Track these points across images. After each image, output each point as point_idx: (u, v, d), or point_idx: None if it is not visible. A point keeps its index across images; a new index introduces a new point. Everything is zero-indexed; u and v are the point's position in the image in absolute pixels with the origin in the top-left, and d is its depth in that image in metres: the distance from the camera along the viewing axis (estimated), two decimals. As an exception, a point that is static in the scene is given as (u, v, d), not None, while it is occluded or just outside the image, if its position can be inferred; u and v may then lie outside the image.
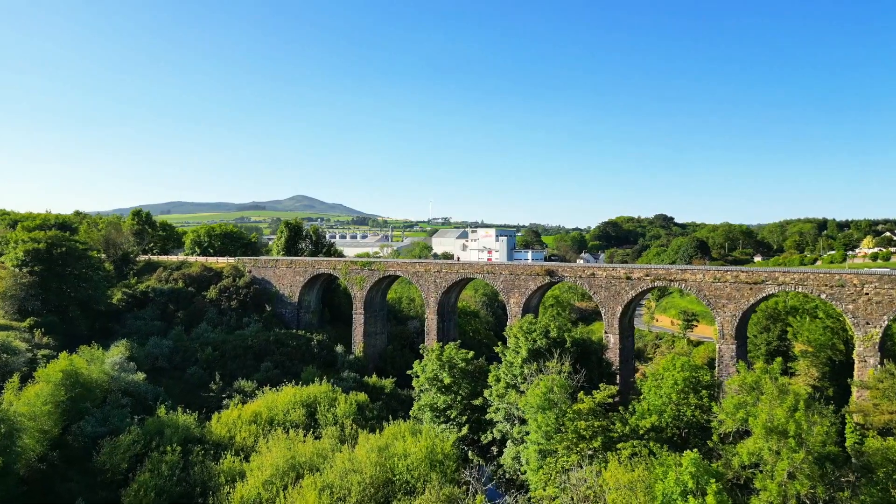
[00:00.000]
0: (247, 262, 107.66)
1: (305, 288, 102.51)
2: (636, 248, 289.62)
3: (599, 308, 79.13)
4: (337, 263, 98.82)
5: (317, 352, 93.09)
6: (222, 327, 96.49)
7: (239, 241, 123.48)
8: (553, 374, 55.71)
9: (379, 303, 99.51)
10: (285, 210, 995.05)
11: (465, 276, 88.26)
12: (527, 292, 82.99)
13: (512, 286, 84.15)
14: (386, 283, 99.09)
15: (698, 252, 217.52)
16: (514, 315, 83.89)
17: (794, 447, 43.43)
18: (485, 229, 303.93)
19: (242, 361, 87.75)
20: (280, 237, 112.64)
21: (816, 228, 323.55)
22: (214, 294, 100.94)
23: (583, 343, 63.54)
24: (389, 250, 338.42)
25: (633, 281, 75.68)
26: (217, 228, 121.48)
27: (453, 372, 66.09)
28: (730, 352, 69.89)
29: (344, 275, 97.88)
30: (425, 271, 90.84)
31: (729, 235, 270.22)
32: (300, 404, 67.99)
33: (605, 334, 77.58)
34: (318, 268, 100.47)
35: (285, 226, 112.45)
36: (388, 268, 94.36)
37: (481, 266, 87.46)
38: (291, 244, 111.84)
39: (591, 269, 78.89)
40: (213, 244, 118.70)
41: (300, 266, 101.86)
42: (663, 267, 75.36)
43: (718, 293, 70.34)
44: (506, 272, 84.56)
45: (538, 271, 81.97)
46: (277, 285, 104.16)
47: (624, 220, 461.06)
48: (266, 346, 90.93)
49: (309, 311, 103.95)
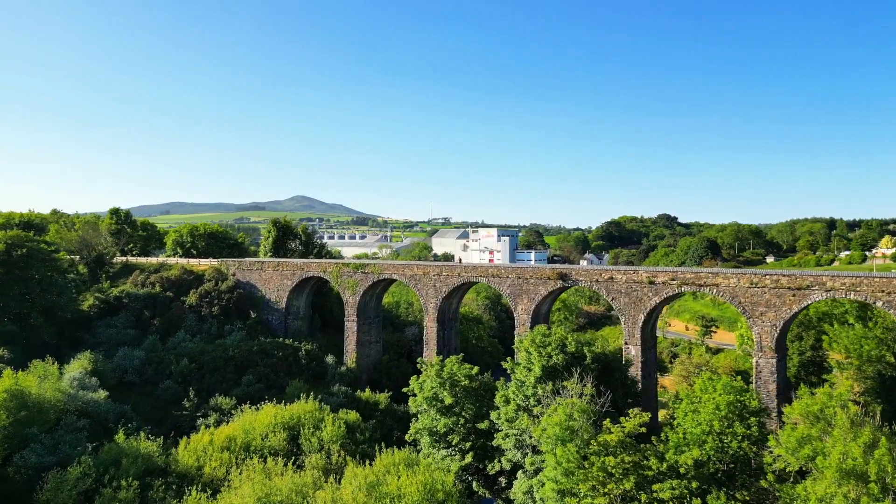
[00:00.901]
0: (230, 265, 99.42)
1: (294, 292, 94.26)
2: (642, 248, 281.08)
3: (619, 316, 70.85)
4: (328, 266, 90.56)
5: (305, 363, 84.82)
6: (202, 336, 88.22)
7: (225, 241, 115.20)
8: (573, 398, 47.48)
9: (373, 308, 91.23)
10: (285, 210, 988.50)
11: (467, 279, 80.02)
12: (537, 298, 74.71)
13: (520, 291, 75.88)
14: (381, 288, 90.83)
15: (709, 253, 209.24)
16: (523, 323, 75.64)
17: (876, 495, 35.22)
18: (486, 229, 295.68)
19: (222, 374, 79.49)
20: (267, 237, 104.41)
21: (826, 228, 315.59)
22: (194, 299, 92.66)
23: (605, 358, 55.24)
24: (388, 251, 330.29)
25: (656, 286, 67.41)
26: (201, 228, 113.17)
27: (455, 391, 57.87)
28: (769, 366, 61.60)
29: (335, 278, 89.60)
30: (424, 274, 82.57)
31: (738, 235, 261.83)
32: (281, 427, 59.66)
33: (626, 345, 69.33)
34: (307, 270, 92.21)
35: (273, 224, 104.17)
36: (383, 270, 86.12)
37: (485, 269, 79.19)
38: (280, 245, 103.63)
39: (609, 272, 70.60)
40: (197, 245, 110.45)
41: (287, 268, 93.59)
42: (691, 270, 67.07)
43: (756, 300, 62.04)
44: (513, 276, 76.28)
45: (549, 275, 73.68)
46: (263, 289, 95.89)
47: (627, 220, 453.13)
48: (249, 357, 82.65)
49: (298, 317, 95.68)
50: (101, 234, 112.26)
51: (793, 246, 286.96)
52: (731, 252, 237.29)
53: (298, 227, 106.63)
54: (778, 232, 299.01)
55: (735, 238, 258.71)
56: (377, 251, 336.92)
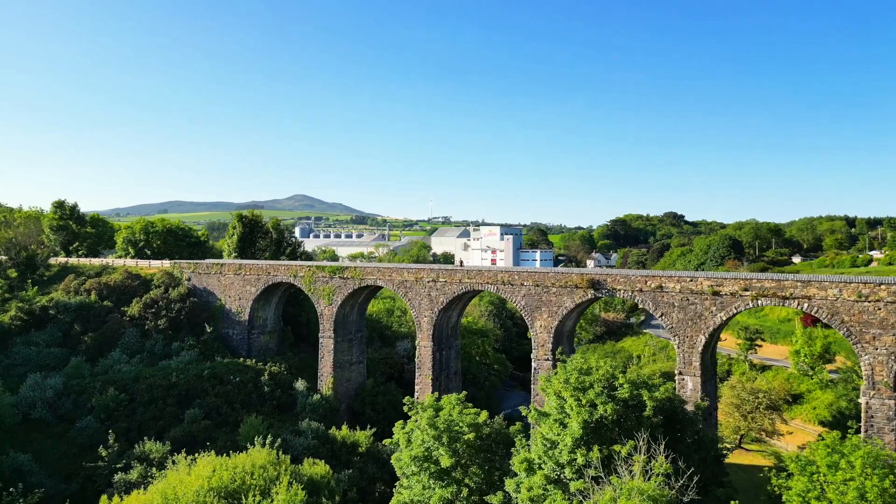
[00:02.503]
0: (185, 268, 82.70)
1: (259, 301, 77.57)
2: (655, 247, 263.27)
3: (671, 338, 54.11)
4: (299, 269, 73.81)
5: (268, 390, 68.22)
6: (143, 356, 71.64)
7: (185, 239, 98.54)
8: (637, 481, 30.88)
9: (355, 321, 74.53)
10: (284, 209, 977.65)
11: (470, 287, 63.31)
12: (560, 312, 58.01)
13: (538, 303, 59.17)
14: (364, 296, 74.11)
15: (731, 253, 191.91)
16: (542, 345, 58.95)
17: None
18: (488, 227, 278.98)
19: (160, 408, 62.88)
20: (231, 234, 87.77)
21: (846, 226, 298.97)
22: (137, 309, 75.96)
23: (671, 407, 38.51)
24: (385, 250, 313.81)
25: (722, 298, 50.71)
26: (158, 224, 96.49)
27: (456, 447, 41.33)
28: (886, 410, 44.83)
29: (308, 284, 72.88)
30: (416, 280, 65.88)
31: (757, 234, 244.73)
32: (217, 494, 42.96)
33: (679, 375, 52.65)
34: (273, 275, 75.47)
35: (238, 219, 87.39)
36: (365, 275, 69.40)
37: (493, 274, 62.43)
38: (247, 243, 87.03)
39: (656, 279, 53.86)
40: (152, 244, 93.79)
41: (251, 272, 76.87)
42: (771, 277, 50.21)
43: (866, 318, 45.32)
44: (529, 283, 59.55)
45: (577, 282, 56.94)
46: (223, 297, 79.18)
47: (633, 219, 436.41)
48: (197, 383, 66.03)
49: (264, 331, 78.97)
50: (45, 232, 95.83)
51: (813, 245, 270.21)
52: (752, 252, 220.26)
53: (268, 222, 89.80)
54: (798, 230, 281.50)
55: (754, 237, 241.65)
56: (373, 251, 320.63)
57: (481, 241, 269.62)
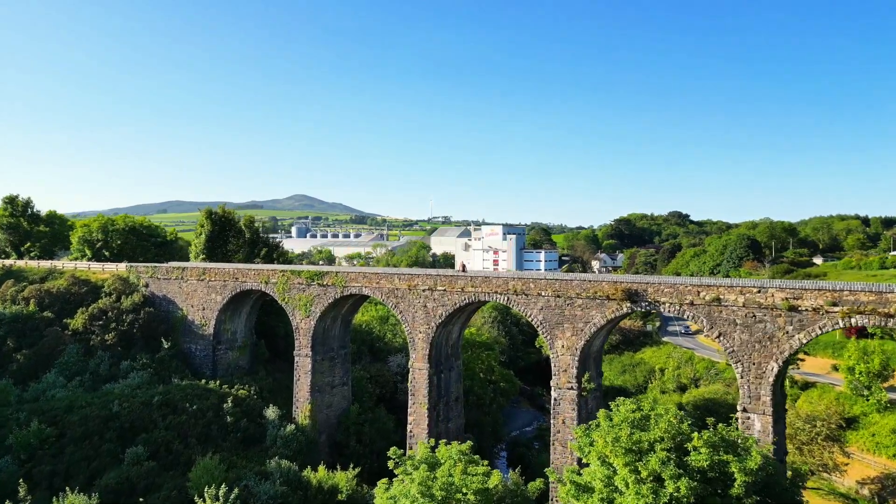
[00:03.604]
0: (142, 272, 71.27)
1: (227, 311, 66.23)
2: (665, 248, 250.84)
3: (730, 361, 42.60)
4: (271, 274, 62.35)
5: (232, 420, 56.76)
6: (84, 378, 60.28)
7: (150, 239, 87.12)
8: None
9: (338, 336, 63.13)
10: (284, 209, 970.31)
11: (475, 297, 51.85)
12: (588, 329, 46.59)
13: (560, 318, 47.73)
14: (349, 306, 62.69)
15: (749, 253, 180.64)
16: (564, 369, 47.53)
17: None
18: (490, 227, 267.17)
19: (95, 445, 51.49)
20: (199, 234, 76.38)
21: (862, 225, 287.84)
22: (81, 322, 64.55)
23: (766, 479, 27.07)
24: (384, 251, 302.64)
25: (801, 315, 39.30)
26: (119, 222, 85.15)
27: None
28: None
29: (281, 292, 61.47)
30: (409, 289, 54.44)
31: (772, 233, 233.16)
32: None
33: (743, 413, 41.24)
34: (242, 280, 64.05)
35: (206, 217, 76.00)
36: (348, 282, 57.91)
37: (504, 281, 50.88)
38: (218, 243, 75.69)
39: (712, 289, 42.39)
40: (111, 244, 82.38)
41: (217, 277, 65.45)
42: (870, 288, 38.53)
43: None
44: (548, 293, 48.10)
45: (609, 293, 45.50)
46: (185, 307, 67.79)
47: (637, 218, 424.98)
48: (144, 413, 54.63)
49: (233, 346, 67.61)
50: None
51: (829, 245, 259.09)
52: (768, 252, 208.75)
53: (242, 218, 78.26)
54: (813, 230, 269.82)
55: (769, 237, 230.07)
56: (371, 251, 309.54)
57: (483, 241, 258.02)
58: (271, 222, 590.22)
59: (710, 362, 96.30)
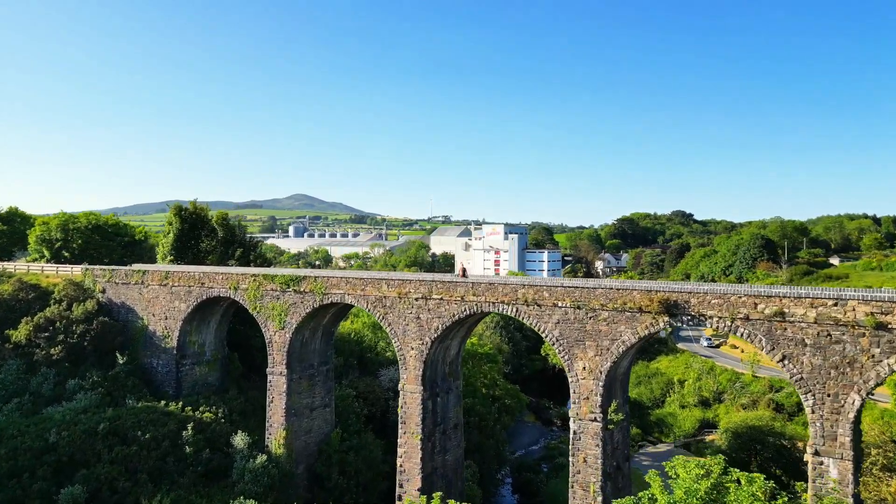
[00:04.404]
0: (98, 276, 62.86)
1: (193, 321, 57.84)
2: (673, 248, 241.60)
3: (803, 395, 34.13)
4: (241, 279, 53.91)
5: (191, 451, 48.38)
6: (23, 400, 51.83)
7: (116, 238, 78.61)
8: None
9: (318, 350, 54.73)
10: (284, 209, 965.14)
11: (477, 308, 43.44)
12: (615, 348, 38.21)
13: (581, 334, 39.34)
14: (331, 316, 54.26)
15: (764, 253, 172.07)
16: (586, 396, 39.12)
17: None
18: (491, 226, 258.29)
19: (24, 484, 43.12)
20: (167, 232, 67.89)
21: (874, 224, 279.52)
22: (25, 333, 56.11)
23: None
24: (382, 250, 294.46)
25: (893, 335, 30.91)
26: (82, 220, 76.82)
27: None
28: None
29: (252, 300, 53.07)
30: (399, 297, 46.04)
31: (784, 233, 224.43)
32: None
33: (816, 458, 32.81)
34: (209, 286, 55.63)
35: (175, 213, 67.39)
36: (329, 289, 49.46)
37: (512, 289, 42.40)
38: (188, 243, 67.25)
39: (773, 300, 34.01)
40: (72, 244, 73.95)
41: (180, 283, 57.03)
42: None
43: None
44: (567, 303, 39.71)
45: (642, 304, 37.09)
46: (145, 315, 59.40)
47: (640, 217, 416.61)
48: (87, 444, 46.25)
49: (200, 360, 59.20)
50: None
51: (842, 244, 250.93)
52: (780, 252, 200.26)
53: (213, 215, 69.78)
54: (824, 229, 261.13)
55: (781, 236, 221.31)
56: (368, 251, 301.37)
57: (483, 240, 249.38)
58: (270, 221, 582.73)
59: (733, 373, 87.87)
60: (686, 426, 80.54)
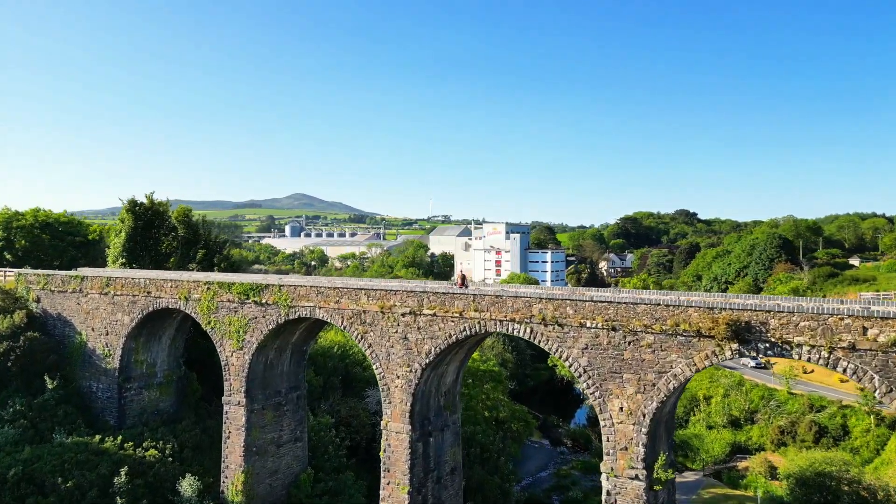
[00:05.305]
0: (32, 282, 53.42)
1: (139, 336, 48.45)
2: (682, 247, 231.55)
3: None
4: (193, 287, 44.46)
5: (125, 502, 38.95)
6: (-78, 435, 42.35)
7: (68, 238, 69.18)
8: None
9: (287, 374, 45.31)
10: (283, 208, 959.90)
11: (479, 328, 34.01)
12: (664, 384, 28.77)
13: (617, 364, 29.91)
14: (301, 332, 44.80)
15: (781, 254, 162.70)
16: (623, 447, 29.66)
17: None
18: (492, 225, 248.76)
19: None
20: (119, 231, 58.30)
21: (888, 223, 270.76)
22: (-65, 353, 46.72)
23: None
24: (379, 250, 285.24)
25: None
26: (28, 217, 67.41)
27: None
28: None
29: (205, 312, 43.68)
30: (382, 311, 36.60)
31: (797, 232, 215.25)
32: None
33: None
34: (156, 295, 46.19)
35: (128, 211, 57.59)
36: (296, 300, 40.01)
37: (526, 303, 32.87)
38: (143, 244, 57.77)
39: (890, 323, 24.45)
40: (15, 244, 64.53)
41: (124, 291, 47.60)
42: None
43: None
44: (597, 322, 30.26)
45: (703, 325, 27.61)
46: (84, 330, 49.98)
47: (644, 216, 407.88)
48: (-12, 496, 36.83)
49: (150, 383, 49.80)
50: None
51: (856, 244, 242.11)
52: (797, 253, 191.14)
53: (173, 211, 60.20)
54: (837, 228, 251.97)
55: (795, 235, 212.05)
56: (365, 251, 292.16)
57: (484, 240, 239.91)
58: (268, 221, 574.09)
59: (765, 389, 78.39)
60: (715, 450, 71.21)
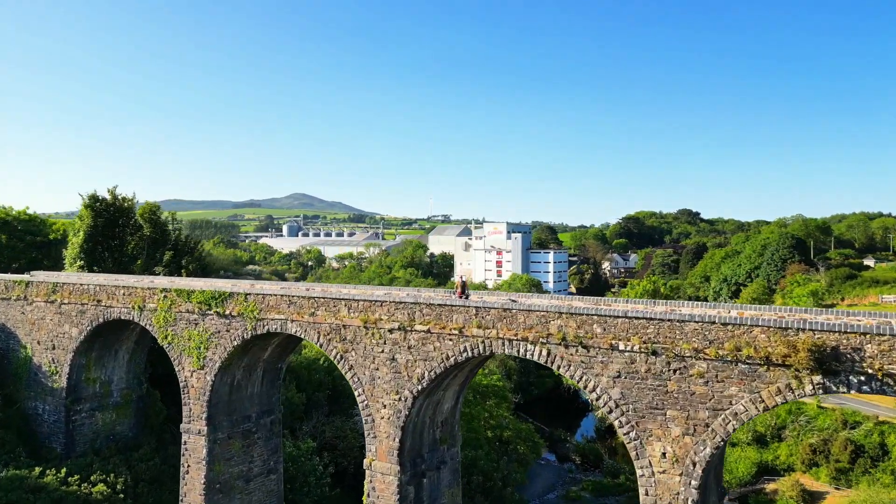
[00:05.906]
0: (-28, 288, 47.08)
1: (90, 351, 42.14)
2: (689, 247, 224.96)
3: None
4: (148, 296, 38.14)
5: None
6: None
7: (28, 237, 62.83)
8: None
9: (257, 396, 38.93)
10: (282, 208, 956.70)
11: (483, 348, 27.65)
12: (721, 425, 22.32)
13: (660, 398, 23.51)
14: (274, 350, 38.39)
15: (794, 255, 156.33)
16: (665, 502, 23.22)
17: None
18: (493, 225, 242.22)
19: None
20: (77, 230, 51.95)
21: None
22: None
23: None
24: (377, 250, 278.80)
25: None
26: (-12, 215, 61.14)
27: None
28: None
29: (162, 325, 37.32)
30: (365, 326, 30.24)
31: (808, 232, 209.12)
32: None
33: None
34: (107, 304, 39.84)
35: (87, 207, 51.24)
36: (266, 311, 33.66)
37: (541, 318, 26.56)
38: (105, 244, 51.40)
39: None
40: (-31, 245, 58.29)
41: (72, 299, 41.26)
42: None
43: None
44: (634, 344, 23.85)
45: (776, 351, 21.14)
46: (29, 343, 43.67)
47: (646, 216, 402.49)
48: None
49: (105, 404, 43.49)
50: None
51: (866, 244, 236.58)
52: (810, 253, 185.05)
53: (139, 207, 53.90)
54: (847, 228, 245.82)
55: (805, 235, 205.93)
56: (363, 251, 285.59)
57: (484, 240, 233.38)
58: (267, 220, 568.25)
59: (793, 403, 72.17)
60: (739, 471, 64.97)
